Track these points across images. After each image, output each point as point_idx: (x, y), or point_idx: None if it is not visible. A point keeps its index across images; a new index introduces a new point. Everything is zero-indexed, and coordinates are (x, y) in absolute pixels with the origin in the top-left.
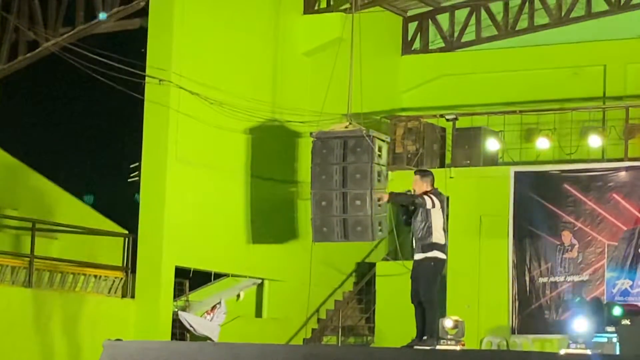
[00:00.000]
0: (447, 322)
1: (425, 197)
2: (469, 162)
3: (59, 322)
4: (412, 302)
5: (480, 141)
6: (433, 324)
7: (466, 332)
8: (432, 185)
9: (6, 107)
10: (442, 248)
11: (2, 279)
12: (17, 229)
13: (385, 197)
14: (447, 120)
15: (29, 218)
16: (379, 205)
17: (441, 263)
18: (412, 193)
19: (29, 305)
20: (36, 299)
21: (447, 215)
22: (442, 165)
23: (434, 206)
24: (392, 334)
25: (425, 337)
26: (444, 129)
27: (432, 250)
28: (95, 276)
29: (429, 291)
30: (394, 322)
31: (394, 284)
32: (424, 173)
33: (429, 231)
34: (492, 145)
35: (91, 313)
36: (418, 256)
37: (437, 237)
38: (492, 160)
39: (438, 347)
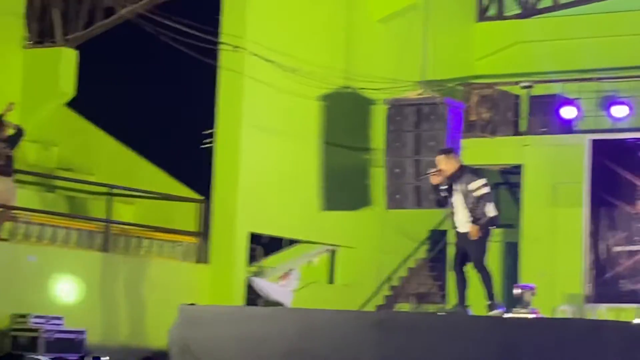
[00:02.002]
0: (516, 290)
1: (484, 189)
2: (544, 130)
3: (134, 287)
4: (455, 269)
5: (556, 109)
6: (492, 288)
7: (541, 300)
8: (458, 160)
9: (83, 74)
10: (497, 219)
11: (79, 243)
12: (93, 194)
13: (476, 232)
14: (522, 87)
15: (105, 183)
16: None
17: (489, 231)
18: (439, 173)
19: (105, 270)
20: (112, 263)
21: (521, 184)
22: (516, 133)
23: (486, 185)
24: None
25: (489, 302)
26: (518, 97)
27: (492, 224)
28: (170, 241)
29: (481, 259)
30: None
31: None
32: (447, 151)
33: (483, 212)
34: (567, 113)
35: (166, 278)
36: (466, 229)
37: (492, 211)
38: (567, 128)
39: (511, 314)
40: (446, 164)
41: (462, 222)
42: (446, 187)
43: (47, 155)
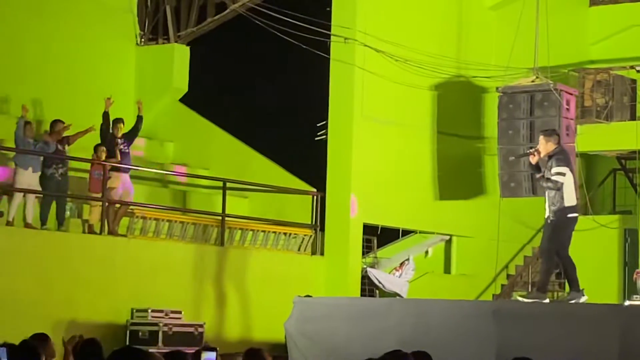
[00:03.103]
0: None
1: (555, 177)
2: None
3: (250, 279)
4: (555, 258)
5: None
6: (544, 276)
7: None
8: (558, 143)
9: (196, 69)
10: (573, 209)
11: (196, 237)
12: (208, 188)
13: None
14: (638, 71)
15: (220, 177)
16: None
17: (567, 220)
18: (537, 153)
19: (221, 263)
20: (228, 256)
21: (638, 169)
22: (632, 117)
23: (564, 175)
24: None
25: (531, 290)
26: (634, 81)
27: (567, 213)
28: (285, 234)
29: (545, 246)
30: (585, 277)
31: (583, 239)
32: (548, 133)
33: (561, 198)
34: None
35: (282, 270)
36: (548, 215)
37: (569, 200)
38: None
39: (630, 302)
40: (543, 146)
41: (547, 209)
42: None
43: (162, 151)
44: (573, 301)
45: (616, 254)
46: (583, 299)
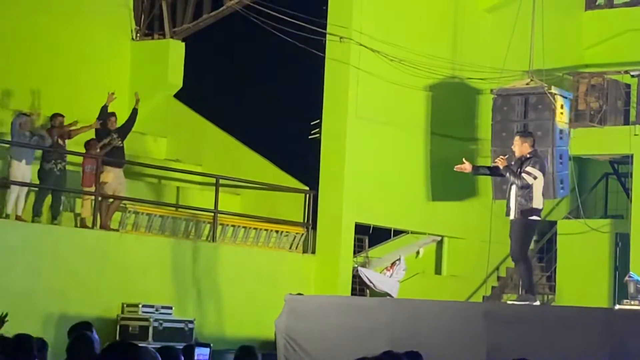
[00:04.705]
0: (626, 281)
1: (525, 175)
2: None
3: (242, 276)
4: (512, 260)
5: None
6: (528, 279)
7: None
8: (533, 146)
9: (191, 65)
10: (539, 212)
11: (188, 233)
12: (201, 185)
13: (468, 167)
14: (632, 76)
15: (212, 174)
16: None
17: (535, 223)
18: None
19: (213, 259)
20: (219, 253)
21: (631, 174)
22: (626, 122)
23: (535, 178)
24: (574, 292)
25: (522, 292)
26: (628, 86)
27: (531, 214)
28: (277, 232)
29: (520, 249)
30: (576, 280)
31: (575, 243)
32: (524, 134)
33: (530, 198)
34: None
35: (273, 268)
36: (514, 216)
37: (537, 202)
38: None
39: (620, 306)
40: (518, 147)
41: (512, 208)
42: (515, 169)
43: (156, 147)
44: (526, 303)
45: (607, 258)
46: (536, 304)
